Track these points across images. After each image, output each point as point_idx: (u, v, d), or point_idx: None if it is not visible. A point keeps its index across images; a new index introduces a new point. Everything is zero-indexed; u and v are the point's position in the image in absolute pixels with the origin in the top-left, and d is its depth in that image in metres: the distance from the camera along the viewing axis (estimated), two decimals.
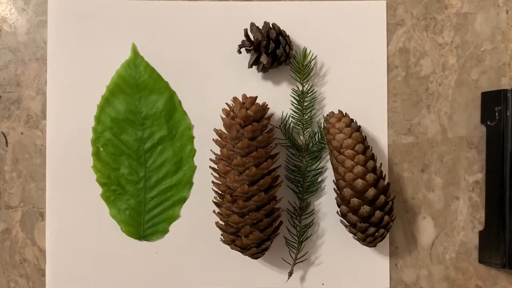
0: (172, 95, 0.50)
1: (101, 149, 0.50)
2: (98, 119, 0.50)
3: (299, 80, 0.50)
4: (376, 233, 0.45)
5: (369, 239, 0.46)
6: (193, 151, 0.50)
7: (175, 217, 0.50)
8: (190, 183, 0.51)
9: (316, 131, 0.50)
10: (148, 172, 0.50)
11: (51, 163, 0.50)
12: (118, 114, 0.50)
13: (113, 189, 0.50)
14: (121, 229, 0.50)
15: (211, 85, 0.51)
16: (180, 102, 0.50)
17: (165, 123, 0.50)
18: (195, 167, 0.51)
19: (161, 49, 0.51)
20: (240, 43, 0.49)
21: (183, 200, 0.50)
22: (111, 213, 0.50)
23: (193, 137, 0.51)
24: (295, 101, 0.50)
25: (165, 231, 0.50)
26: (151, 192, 0.50)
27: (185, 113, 0.51)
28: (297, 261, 0.50)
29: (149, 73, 0.50)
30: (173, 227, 0.51)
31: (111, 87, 0.50)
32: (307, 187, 0.50)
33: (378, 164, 0.48)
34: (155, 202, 0.50)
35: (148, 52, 0.51)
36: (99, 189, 0.50)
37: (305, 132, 0.50)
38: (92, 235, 0.50)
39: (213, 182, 0.46)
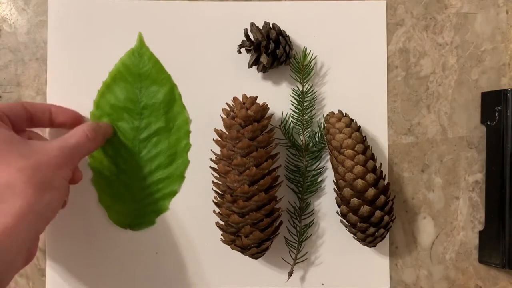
0: (173, 87, 0.50)
1: None
2: (97, 104, 0.50)
3: (299, 80, 0.50)
4: (376, 233, 0.45)
5: (369, 239, 0.46)
6: (188, 146, 0.50)
7: (164, 210, 0.50)
8: (182, 178, 0.50)
9: (316, 131, 0.50)
10: (141, 162, 0.50)
11: None
12: (118, 101, 0.50)
13: (105, 175, 0.50)
14: (108, 215, 0.50)
15: (211, 85, 0.51)
16: (180, 95, 0.50)
17: (163, 115, 0.50)
18: (188, 162, 0.50)
19: (162, 49, 0.51)
20: (240, 43, 0.49)
21: (173, 193, 0.50)
22: (99, 199, 0.50)
23: (189, 132, 0.50)
24: (295, 101, 0.50)
25: (152, 222, 0.50)
26: (142, 182, 0.50)
27: (184, 107, 0.50)
28: (297, 261, 0.50)
29: (152, 63, 0.50)
30: (161, 219, 0.50)
31: (113, 73, 0.50)
32: (307, 187, 0.50)
33: (378, 164, 0.48)
34: (146, 193, 0.50)
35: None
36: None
37: (305, 132, 0.50)
38: (92, 236, 0.50)
39: (213, 182, 0.46)
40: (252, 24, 0.48)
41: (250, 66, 0.49)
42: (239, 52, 0.49)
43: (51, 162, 0.39)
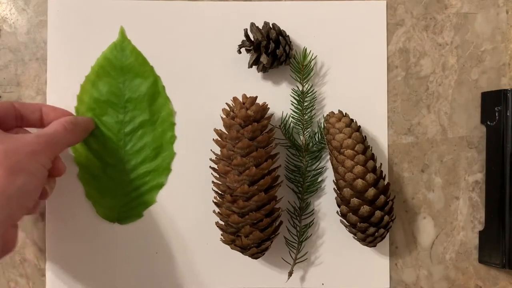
0: (156, 80, 0.50)
1: None
2: (80, 99, 0.50)
3: (299, 80, 0.50)
4: (376, 233, 0.45)
5: (369, 239, 0.46)
6: (173, 138, 0.50)
7: (151, 202, 0.50)
8: (168, 170, 0.50)
9: (316, 131, 0.50)
10: (127, 156, 0.50)
11: None
12: (101, 95, 0.50)
13: (91, 170, 0.50)
14: (96, 211, 0.50)
15: (211, 85, 0.51)
16: (164, 87, 0.50)
17: (147, 108, 0.50)
18: (174, 154, 0.50)
19: (162, 49, 0.51)
20: (240, 43, 0.49)
21: (160, 186, 0.50)
22: (87, 194, 0.50)
23: (174, 124, 0.50)
24: (295, 101, 0.50)
25: (140, 215, 0.50)
26: (128, 176, 0.50)
27: (168, 99, 0.50)
28: (297, 261, 0.50)
29: (134, 56, 0.50)
30: (149, 212, 0.50)
31: (96, 68, 0.50)
32: (307, 187, 0.50)
33: (378, 164, 0.48)
34: (132, 186, 0.50)
35: (148, 51, 0.50)
36: None
37: (305, 132, 0.50)
38: (92, 235, 0.50)
39: (213, 182, 0.46)
40: (252, 24, 0.48)
41: (250, 66, 0.49)
42: (239, 52, 0.49)
43: (25, 147, 0.39)
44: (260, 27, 0.49)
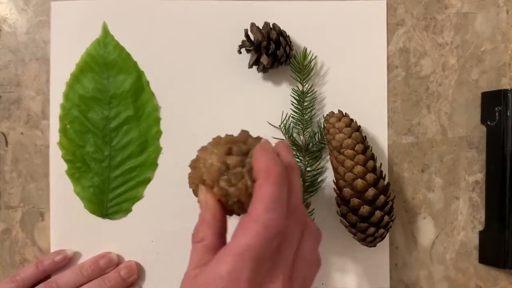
0: (140, 75, 0.50)
1: (68, 126, 0.50)
2: (66, 96, 0.50)
3: (299, 80, 0.50)
4: (376, 233, 0.45)
5: (369, 239, 0.46)
6: (159, 133, 0.50)
7: (138, 197, 0.50)
8: (155, 165, 0.50)
9: (316, 131, 0.50)
10: (113, 151, 0.50)
11: (54, 162, 0.50)
12: (86, 92, 0.50)
13: (78, 166, 0.50)
14: (84, 206, 0.50)
15: (211, 85, 0.51)
16: (148, 82, 0.50)
17: (132, 103, 0.50)
18: (160, 149, 0.51)
19: (162, 49, 0.51)
20: (240, 44, 0.49)
21: (147, 181, 0.50)
22: (75, 190, 0.50)
23: (159, 119, 0.51)
24: (295, 101, 0.50)
25: (128, 210, 0.50)
26: (115, 171, 0.50)
27: (152, 94, 0.50)
28: None
29: (118, 52, 0.50)
30: (137, 206, 0.51)
31: (80, 64, 0.50)
32: (307, 187, 0.50)
33: (378, 164, 0.48)
34: (119, 182, 0.50)
35: (148, 51, 0.50)
36: None
37: (305, 132, 0.50)
38: (94, 234, 0.50)
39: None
40: (253, 25, 0.48)
41: (250, 66, 0.49)
42: (239, 52, 0.49)
43: None
44: (261, 27, 0.49)
